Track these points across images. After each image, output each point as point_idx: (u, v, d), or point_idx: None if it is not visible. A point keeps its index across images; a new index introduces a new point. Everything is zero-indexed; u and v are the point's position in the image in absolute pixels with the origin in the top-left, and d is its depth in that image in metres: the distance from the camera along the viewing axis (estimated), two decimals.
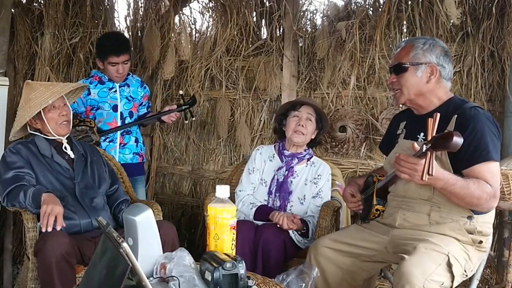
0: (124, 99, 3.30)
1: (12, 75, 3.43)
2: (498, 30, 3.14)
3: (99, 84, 3.26)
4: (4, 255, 3.25)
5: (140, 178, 3.43)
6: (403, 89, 2.10)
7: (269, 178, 2.80)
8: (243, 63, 3.79)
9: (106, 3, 3.88)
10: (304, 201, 2.74)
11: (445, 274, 1.87)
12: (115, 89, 3.28)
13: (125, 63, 3.21)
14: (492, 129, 1.96)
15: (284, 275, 1.78)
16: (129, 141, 3.31)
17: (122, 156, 3.28)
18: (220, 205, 1.71)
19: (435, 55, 2.06)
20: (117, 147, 3.27)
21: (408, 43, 2.12)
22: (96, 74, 3.31)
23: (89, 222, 2.44)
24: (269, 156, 2.86)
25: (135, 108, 3.36)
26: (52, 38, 3.47)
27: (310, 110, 2.78)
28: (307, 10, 3.71)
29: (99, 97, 3.24)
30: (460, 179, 1.88)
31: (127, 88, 3.32)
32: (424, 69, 2.06)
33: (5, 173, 2.42)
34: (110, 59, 3.16)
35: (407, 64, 2.07)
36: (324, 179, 2.77)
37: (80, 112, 3.27)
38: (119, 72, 3.20)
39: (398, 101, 2.16)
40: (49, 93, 2.49)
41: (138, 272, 1.27)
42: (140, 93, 3.38)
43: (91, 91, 3.23)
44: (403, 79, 2.08)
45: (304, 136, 2.75)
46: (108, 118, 3.26)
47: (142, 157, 3.43)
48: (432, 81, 2.06)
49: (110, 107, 3.26)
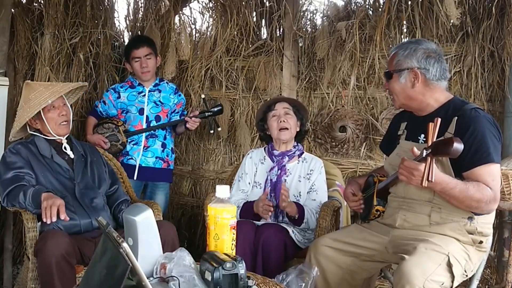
0: (152, 103, 3.35)
1: (12, 75, 3.43)
2: (498, 30, 3.14)
3: (129, 88, 3.39)
4: (4, 255, 3.25)
5: (162, 184, 3.42)
6: (393, 95, 2.15)
7: (262, 180, 2.80)
8: (243, 63, 3.79)
9: (106, 3, 3.88)
10: (300, 197, 2.74)
11: (445, 274, 1.87)
12: (144, 93, 3.36)
13: (148, 57, 3.30)
14: (493, 131, 1.96)
15: (284, 274, 1.78)
16: (153, 145, 3.33)
17: (144, 159, 3.31)
18: (220, 205, 1.71)
19: (416, 59, 2.06)
20: (141, 149, 3.32)
21: (394, 50, 2.16)
22: (129, 79, 3.46)
23: (89, 222, 2.44)
24: (260, 159, 2.88)
25: (164, 114, 3.37)
26: (52, 38, 3.47)
27: (285, 105, 2.83)
28: (307, 10, 3.71)
29: (128, 101, 3.35)
30: (460, 183, 1.88)
31: (158, 93, 3.38)
32: (407, 75, 2.08)
33: (4, 174, 2.43)
34: (132, 54, 3.31)
35: (391, 72, 2.12)
36: (317, 172, 2.77)
37: (112, 114, 3.38)
38: (142, 65, 3.29)
39: (395, 106, 2.24)
40: (48, 93, 2.49)
41: (138, 272, 1.27)
42: (172, 100, 3.42)
43: (121, 95, 3.36)
44: (391, 86, 2.14)
45: (289, 131, 2.77)
46: (134, 121, 3.34)
47: (168, 164, 3.41)
48: (418, 85, 2.07)
49: (137, 110, 3.33)
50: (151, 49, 3.34)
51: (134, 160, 3.30)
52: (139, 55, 3.29)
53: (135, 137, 3.32)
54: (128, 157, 3.32)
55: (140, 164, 3.29)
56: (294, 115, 2.81)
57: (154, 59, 3.37)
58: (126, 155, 3.33)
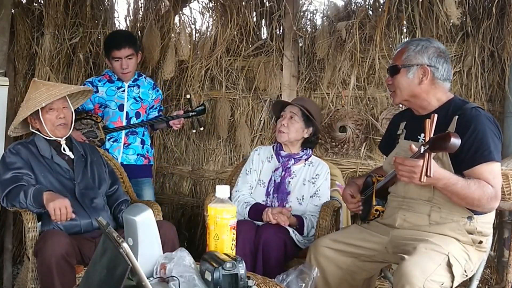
0: (132, 99, 3.28)
1: (12, 75, 3.43)
2: (498, 30, 3.14)
3: (108, 82, 3.27)
4: (4, 255, 3.25)
5: (147, 180, 3.37)
6: (396, 90, 2.12)
7: (266, 179, 2.80)
8: (243, 63, 3.79)
9: (106, 3, 3.88)
10: (302, 201, 2.74)
11: (445, 274, 1.87)
12: (124, 89, 3.27)
13: (129, 58, 3.18)
14: (493, 130, 1.96)
15: (284, 275, 1.78)
16: (134, 142, 3.29)
17: (125, 156, 3.26)
18: (220, 205, 1.71)
19: (427, 56, 2.05)
20: (121, 147, 3.25)
21: (404, 45, 2.13)
22: (107, 73, 3.31)
23: (89, 222, 2.44)
24: (267, 156, 2.87)
25: (143, 110, 3.33)
26: (52, 38, 3.47)
27: (294, 109, 2.79)
28: (307, 10, 3.71)
29: (106, 95, 3.24)
30: (461, 179, 1.88)
31: (137, 89, 3.30)
32: (416, 71, 2.06)
33: (4, 174, 2.43)
34: (113, 54, 3.17)
35: (399, 66, 2.08)
36: (322, 178, 2.76)
37: (88, 109, 3.26)
38: (123, 67, 3.18)
39: (394, 101, 2.20)
40: (46, 95, 2.48)
41: (138, 272, 1.28)
42: (151, 95, 3.35)
43: (99, 89, 3.23)
44: (396, 80, 2.10)
45: (287, 135, 2.76)
46: (113, 117, 3.25)
47: (149, 160, 3.37)
48: (425, 82, 2.06)
49: (116, 106, 3.25)
50: (132, 49, 3.19)
51: (115, 158, 3.19)
52: (119, 56, 3.15)
53: (114, 134, 3.23)
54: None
55: (122, 162, 3.20)
56: (300, 121, 2.77)
57: (135, 58, 3.24)
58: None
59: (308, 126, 2.79)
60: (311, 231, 2.67)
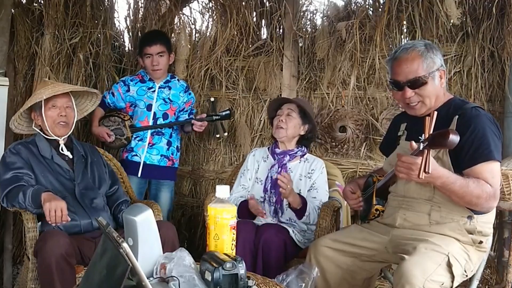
0: (161, 100, 3.31)
1: (12, 75, 3.43)
2: (498, 30, 3.14)
3: (139, 82, 3.34)
4: (4, 255, 3.25)
5: (167, 183, 3.38)
6: (425, 100, 2.04)
7: (263, 177, 2.83)
8: (243, 63, 3.79)
9: (106, 3, 3.88)
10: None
11: (445, 274, 1.87)
12: (154, 89, 3.31)
13: (160, 55, 3.26)
14: (493, 129, 1.97)
15: (284, 275, 1.78)
16: (159, 142, 3.30)
17: (148, 156, 3.28)
18: (220, 205, 1.71)
19: (439, 58, 2.05)
20: (145, 146, 3.28)
21: (412, 52, 2.02)
22: (140, 73, 3.40)
23: (89, 222, 2.45)
24: (263, 156, 2.91)
25: (172, 111, 3.34)
26: (52, 38, 3.47)
27: (291, 106, 2.85)
28: (307, 10, 3.71)
29: (137, 95, 3.31)
30: (459, 178, 1.88)
31: (168, 90, 3.33)
32: (437, 75, 2.04)
33: (4, 174, 2.43)
34: (145, 50, 3.26)
35: (424, 77, 2.01)
36: (318, 172, 2.79)
37: (120, 107, 3.34)
38: (153, 63, 3.24)
39: (419, 112, 2.08)
40: (50, 90, 2.50)
41: (138, 272, 1.27)
42: (182, 98, 3.37)
43: (130, 88, 3.31)
44: (424, 91, 2.02)
45: (284, 130, 2.79)
46: (141, 116, 3.30)
47: (173, 162, 3.37)
48: (443, 83, 2.07)
49: (145, 105, 3.30)
50: (164, 46, 3.28)
51: (139, 157, 3.26)
52: (151, 52, 3.24)
53: (140, 133, 3.28)
54: (132, 154, 3.29)
55: (145, 161, 3.26)
56: (298, 117, 2.82)
57: (167, 57, 3.32)
58: (130, 151, 3.30)
59: (305, 123, 2.83)
60: (314, 219, 2.65)
